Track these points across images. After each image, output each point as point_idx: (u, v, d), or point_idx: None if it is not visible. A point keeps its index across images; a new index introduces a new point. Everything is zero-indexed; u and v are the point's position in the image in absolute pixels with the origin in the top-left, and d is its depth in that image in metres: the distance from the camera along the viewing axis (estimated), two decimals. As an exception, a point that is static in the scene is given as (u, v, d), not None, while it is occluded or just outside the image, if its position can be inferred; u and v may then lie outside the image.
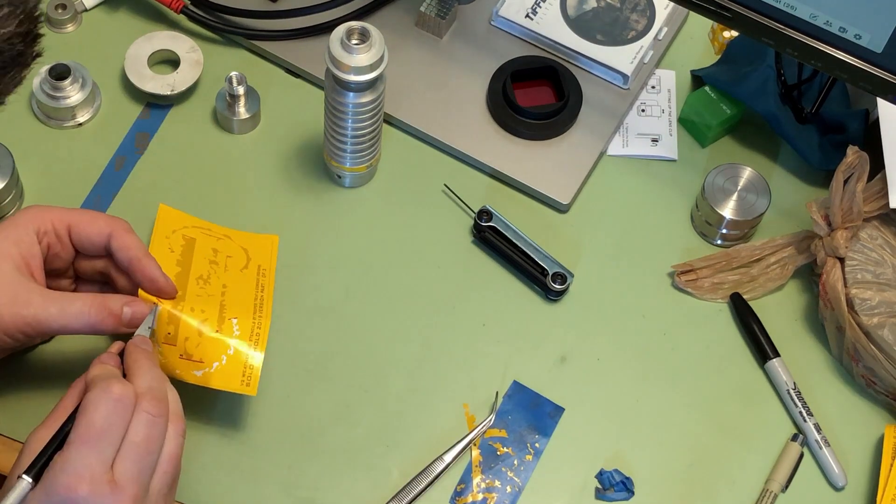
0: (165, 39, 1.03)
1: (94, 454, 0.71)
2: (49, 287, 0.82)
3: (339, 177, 0.98)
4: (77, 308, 0.80)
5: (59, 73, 0.98)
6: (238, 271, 0.89)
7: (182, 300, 0.84)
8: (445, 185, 1.00)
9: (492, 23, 1.06)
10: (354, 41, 0.86)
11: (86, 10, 1.06)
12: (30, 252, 0.81)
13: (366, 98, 0.89)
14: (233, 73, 0.99)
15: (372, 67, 0.87)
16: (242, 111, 1.00)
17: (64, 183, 0.97)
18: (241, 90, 0.99)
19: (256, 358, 0.84)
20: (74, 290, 0.87)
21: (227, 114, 1.00)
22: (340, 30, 0.86)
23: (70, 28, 1.05)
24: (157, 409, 0.74)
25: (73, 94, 0.99)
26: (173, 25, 1.06)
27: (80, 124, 1.00)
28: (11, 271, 0.80)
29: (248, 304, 0.87)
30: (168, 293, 0.83)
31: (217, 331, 0.84)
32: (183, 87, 1.01)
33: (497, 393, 0.91)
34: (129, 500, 0.71)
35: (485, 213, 0.96)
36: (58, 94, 0.99)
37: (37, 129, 1.00)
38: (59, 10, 1.04)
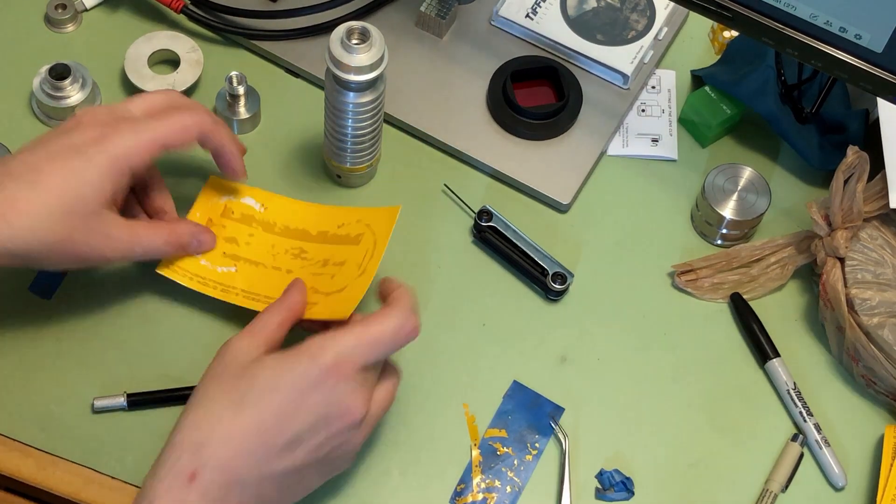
0: (165, 39, 1.03)
1: (366, 353, 0.78)
2: None
3: (339, 176, 0.98)
4: (148, 237, 0.86)
5: (59, 72, 0.98)
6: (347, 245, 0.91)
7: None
8: (445, 185, 1.00)
9: (492, 23, 1.06)
10: (355, 41, 0.86)
11: (86, 10, 1.06)
12: (122, 189, 0.84)
13: (366, 98, 0.89)
14: (233, 73, 0.99)
15: (372, 67, 0.87)
16: (242, 111, 1.00)
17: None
18: (241, 90, 0.99)
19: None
20: None
21: (227, 114, 1.00)
22: (340, 29, 0.86)
23: (70, 28, 1.05)
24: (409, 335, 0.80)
25: (73, 93, 0.99)
26: (173, 25, 1.06)
27: (80, 124, 1.01)
28: (104, 211, 0.82)
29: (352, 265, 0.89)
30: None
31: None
32: (183, 87, 1.01)
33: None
34: (364, 403, 0.78)
35: (485, 213, 0.96)
36: (58, 94, 0.99)
37: (37, 128, 1.00)
38: (59, 10, 1.04)
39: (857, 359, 0.92)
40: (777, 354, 0.94)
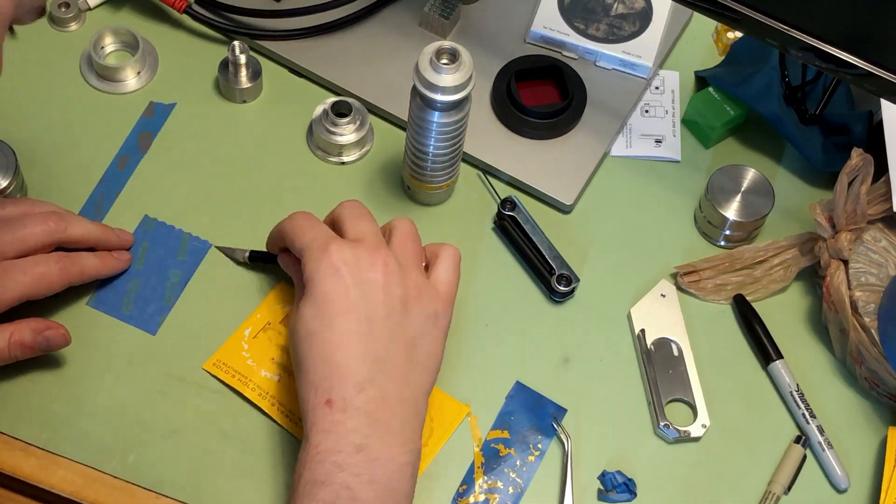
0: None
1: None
2: None
3: (409, 188, 0.98)
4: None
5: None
6: None
7: None
8: (480, 172, 1.00)
9: (527, 41, 1.06)
10: (444, 61, 0.86)
11: (89, 9, 1.06)
12: None
13: (451, 118, 0.89)
14: (235, 42, 1.00)
15: (458, 88, 0.87)
16: (244, 80, 1.01)
17: (67, 181, 0.97)
18: (242, 59, 1.00)
19: None
20: None
21: (229, 83, 1.01)
22: (430, 48, 0.86)
23: (73, 27, 1.05)
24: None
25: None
26: (177, 25, 1.06)
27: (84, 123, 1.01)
28: None
29: None
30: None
31: None
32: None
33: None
34: (365, 244, 0.83)
35: (509, 203, 0.97)
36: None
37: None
38: (63, 9, 1.04)
39: (861, 361, 0.92)
40: (780, 356, 0.94)
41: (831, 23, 0.87)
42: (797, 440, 0.90)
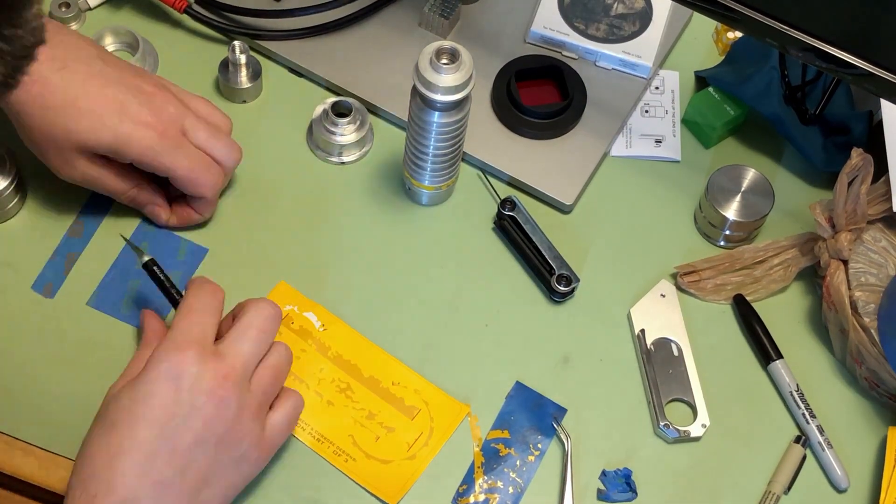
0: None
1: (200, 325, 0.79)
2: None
3: (409, 189, 0.98)
4: (111, 179, 0.91)
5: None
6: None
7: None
8: (480, 172, 1.00)
9: (527, 40, 1.06)
10: (444, 61, 0.86)
11: (89, 9, 1.06)
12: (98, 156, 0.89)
13: (451, 118, 0.89)
14: (235, 42, 1.00)
15: (458, 88, 0.87)
16: (244, 80, 1.01)
17: (65, 185, 0.97)
18: (243, 59, 1.00)
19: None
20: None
21: (228, 83, 1.01)
22: (430, 48, 0.86)
23: (73, 27, 1.05)
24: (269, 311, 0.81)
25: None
26: (177, 25, 1.06)
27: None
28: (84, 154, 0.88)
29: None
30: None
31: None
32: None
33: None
34: (227, 370, 0.77)
35: (509, 203, 0.97)
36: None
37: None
38: (63, 9, 1.04)
39: (861, 361, 0.92)
40: (780, 356, 0.94)
41: (831, 23, 0.87)
42: (797, 440, 0.90)
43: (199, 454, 0.75)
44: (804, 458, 0.90)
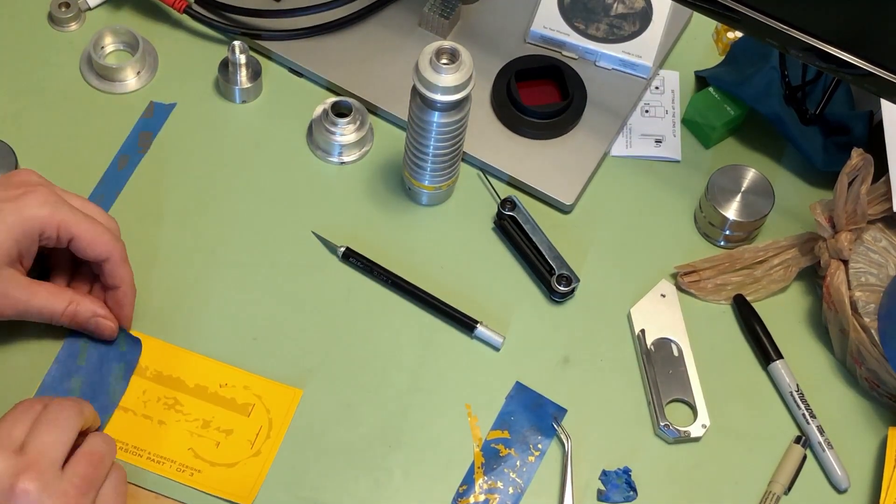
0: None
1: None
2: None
3: (409, 189, 0.98)
4: (46, 302, 0.86)
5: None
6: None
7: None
8: (480, 172, 1.00)
9: (528, 41, 1.06)
10: (443, 61, 0.86)
11: (89, 9, 1.06)
12: (28, 251, 0.84)
13: (451, 118, 0.90)
14: (235, 42, 1.00)
15: (458, 88, 0.87)
16: (244, 80, 1.01)
17: (67, 181, 0.97)
18: (242, 59, 1.00)
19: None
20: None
21: (229, 83, 1.01)
22: (430, 48, 0.86)
23: (73, 27, 1.05)
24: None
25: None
26: (177, 25, 1.06)
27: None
28: (5, 268, 0.83)
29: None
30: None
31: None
32: (186, 86, 1.01)
33: None
34: (28, 462, 0.74)
35: (509, 203, 0.97)
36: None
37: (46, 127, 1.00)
38: (63, 9, 1.04)
39: (861, 361, 0.92)
40: (780, 356, 0.94)
41: (831, 23, 0.86)
42: (797, 440, 0.90)
43: None
44: (804, 458, 0.90)
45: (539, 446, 0.90)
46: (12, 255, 0.83)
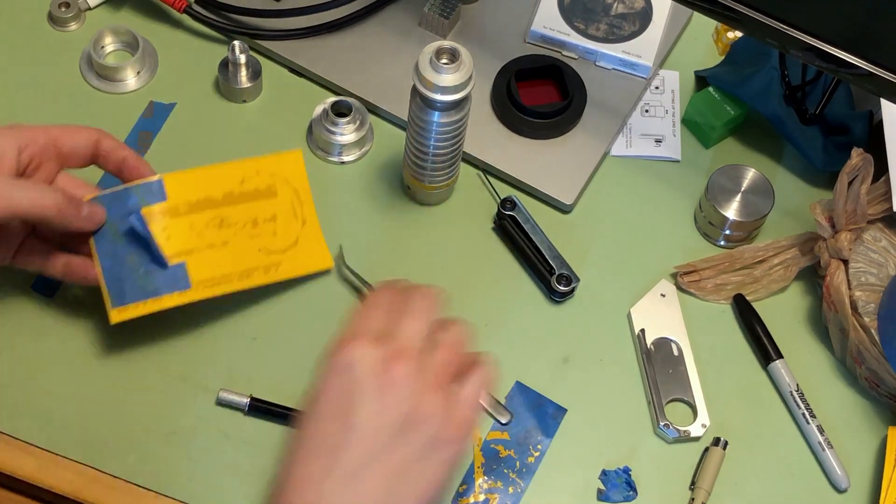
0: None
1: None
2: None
3: (409, 188, 0.98)
4: (41, 192, 0.82)
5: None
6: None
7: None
8: (480, 172, 1.00)
9: (527, 40, 1.06)
10: (443, 61, 0.86)
11: (89, 9, 1.06)
12: (10, 166, 0.82)
13: (451, 118, 0.90)
14: (235, 42, 1.00)
15: (458, 88, 0.87)
16: (244, 79, 1.01)
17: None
18: (242, 58, 1.00)
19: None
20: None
21: (229, 83, 1.01)
22: (430, 48, 0.86)
23: (73, 27, 1.05)
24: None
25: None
26: (177, 25, 1.06)
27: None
28: None
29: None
30: None
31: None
32: (186, 86, 1.01)
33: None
34: (397, 349, 0.72)
35: (509, 202, 0.97)
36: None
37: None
38: (63, 9, 1.04)
39: (861, 361, 0.92)
40: (780, 356, 0.94)
41: (831, 23, 0.87)
42: (715, 442, 0.89)
43: (384, 439, 0.70)
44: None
45: (539, 447, 0.90)
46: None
